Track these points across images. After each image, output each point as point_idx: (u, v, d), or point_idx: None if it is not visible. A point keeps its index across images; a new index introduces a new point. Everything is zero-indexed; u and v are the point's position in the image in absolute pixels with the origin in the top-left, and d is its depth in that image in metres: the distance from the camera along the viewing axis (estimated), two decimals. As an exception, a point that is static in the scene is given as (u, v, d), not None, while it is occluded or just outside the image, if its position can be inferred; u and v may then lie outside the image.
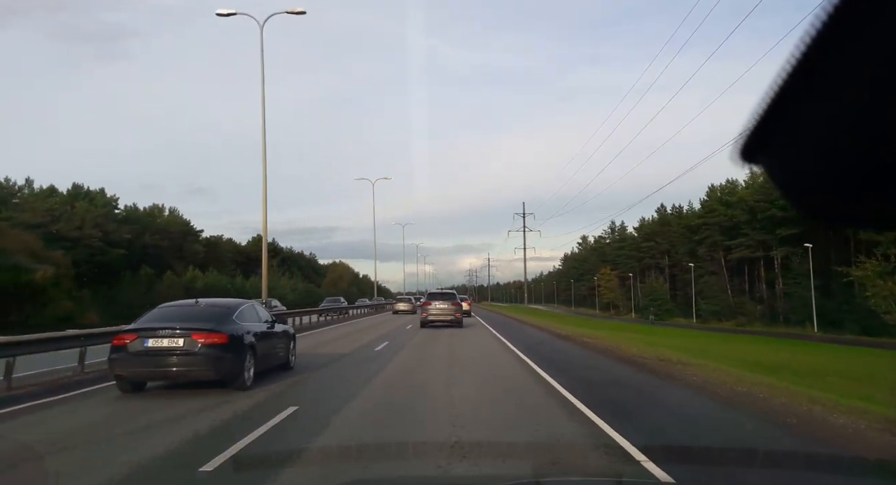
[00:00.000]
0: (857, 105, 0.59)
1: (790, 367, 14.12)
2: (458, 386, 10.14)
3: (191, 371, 9.25)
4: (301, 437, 6.63)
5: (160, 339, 9.18)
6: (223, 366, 9.33)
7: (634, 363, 13.63)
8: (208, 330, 9.34)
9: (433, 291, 31.81)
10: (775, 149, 0.70)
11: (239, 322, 10.08)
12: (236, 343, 9.60)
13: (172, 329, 9.30)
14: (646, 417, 7.88)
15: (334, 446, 6.09)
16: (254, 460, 5.69)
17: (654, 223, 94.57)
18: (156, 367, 9.21)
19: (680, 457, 5.86)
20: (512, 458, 5.89)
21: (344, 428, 7.02)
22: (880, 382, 11.20)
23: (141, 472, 5.40)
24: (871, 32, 0.55)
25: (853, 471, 5.81)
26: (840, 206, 0.70)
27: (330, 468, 5.60)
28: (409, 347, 17.77)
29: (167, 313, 10.13)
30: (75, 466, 5.68)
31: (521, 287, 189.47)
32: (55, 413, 8.22)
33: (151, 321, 9.75)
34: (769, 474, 5.45)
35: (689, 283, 75.67)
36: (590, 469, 5.69)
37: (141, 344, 9.13)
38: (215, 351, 9.24)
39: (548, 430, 6.96)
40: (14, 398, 9.11)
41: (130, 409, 8.42)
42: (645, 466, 5.37)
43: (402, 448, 6.15)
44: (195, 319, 9.71)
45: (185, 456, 5.91)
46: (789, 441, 6.55)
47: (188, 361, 9.16)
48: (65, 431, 7.15)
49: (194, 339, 9.16)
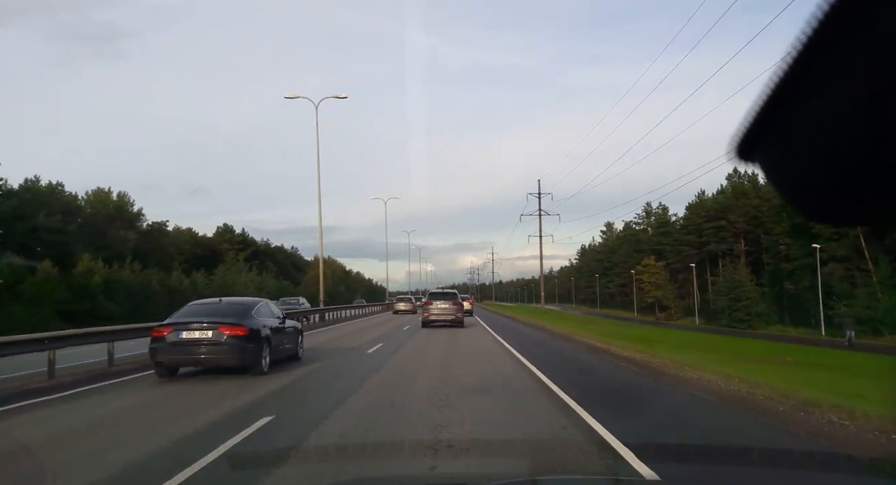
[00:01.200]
0: (855, 104, 0.58)
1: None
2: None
3: (218, 358, 10.96)
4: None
5: (192, 331, 10.89)
6: (245, 354, 11.01)
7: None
8: (232, 324, 11.04)
9: (434, 291, 31.09)
10: (772, 147, 0.69)
11: (257, 317, 11.75)
12: (255, 335, 11.26)
13: (202, 323, 11.01)
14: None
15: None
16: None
17: (724, 197, 74.29)
18: (189, 354, 10.93)
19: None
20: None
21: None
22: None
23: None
24: (870, 31, 0.54)
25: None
26: (838, 205, 0.69)
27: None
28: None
29: (197, 310, 11.88)
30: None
31: (525, 286, 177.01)
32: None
33: (184, 316, 11.47)
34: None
35: (797, 274, 55.00)
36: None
37: (176, 336, 10.85)
38: (238, 341, 10.93)
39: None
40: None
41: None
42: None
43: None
44: (220, 314, 11.42)
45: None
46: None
47: (216, 349, 10.86)
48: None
49: (221, 331, 10.86)
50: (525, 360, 13.80)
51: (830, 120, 0.61)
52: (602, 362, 14.32)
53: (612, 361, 14.40)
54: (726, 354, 15.90)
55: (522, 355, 14.73)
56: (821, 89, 0.60)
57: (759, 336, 40.21)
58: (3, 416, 8.06)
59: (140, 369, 12.31)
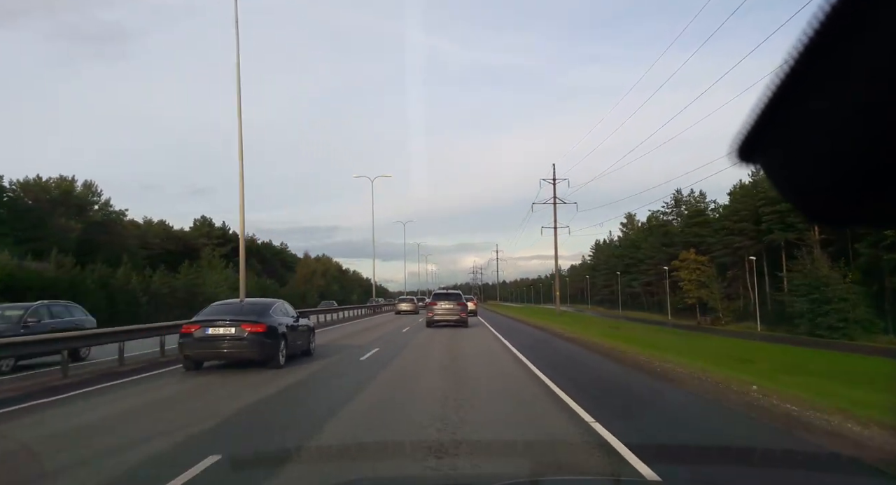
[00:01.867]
0: (856, 104, 0.58)
1: None
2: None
3: (240, 352, 12.11)
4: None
5: (217, 327, 12.06)
6: (264, 349, 12.17)
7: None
8: (253, 321, 12.20)
9: (438, 292, 31.25)
10: (773, 148, 0.69)
11: (274, 316, 12.92)
12: (273, 332, 12.41)
13: (225, 320, 12.20)
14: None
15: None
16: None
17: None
18: (214, 349, 12.09)
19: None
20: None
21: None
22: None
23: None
24: (870, 32, 0.54)
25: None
26: (840, 206, 0.68)
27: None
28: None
29: (220, 309, 13.12)
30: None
31: (531, 285, 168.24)
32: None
33: (209, 315, 12.66)
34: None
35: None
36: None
37: (203, 332, 12.02)
38: (258, 337, 12.08)
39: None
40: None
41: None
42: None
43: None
44: (242, 313, 12.62)
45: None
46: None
47: (238, 344, 12.02)
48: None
49: (243, 328, 12.03)
50: (577, 406, 8.16)
51: (831, 121, 0.61)
52: (695, 403, 8.89)
53: (718, 401, 8.78)
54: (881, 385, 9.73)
55: (570, 396, 8.88)
56: (821, 90, 0.61)
57: (867, 350, 28.88)
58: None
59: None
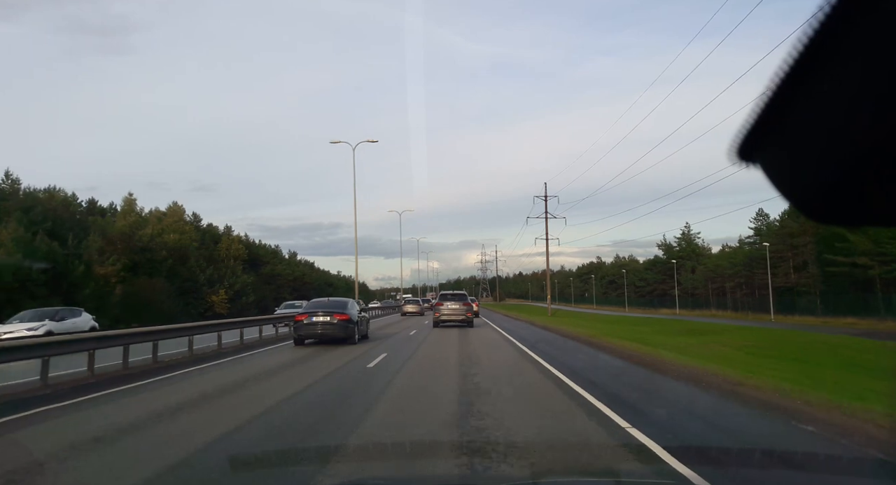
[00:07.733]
0: (855, 104, 0.59)
1: None
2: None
3: (332, 333, 18.51)
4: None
5: (318, 316, 18.56)
6: (346, 331, 18.63)
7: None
8: (340, 312, 18.79)
9: (445, 293, 32.90)
10: (772, 148, 0.69)
11: (350, 309, 19.39)
12: (351, 319, 18.85)
13: (322, 311, 18.79)
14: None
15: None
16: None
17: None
18: (315, 330, 18.51)
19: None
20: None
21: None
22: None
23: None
24: (871, 32, 0.55)
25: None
26: (839, 205, 0.69)
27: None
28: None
29: (317, 304, 19.76)
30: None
31: (545, 281, 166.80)
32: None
33: (311, 308, 19.29)
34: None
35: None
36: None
37: (309, 319, 18.53)
38: (343, 323, 18.56)
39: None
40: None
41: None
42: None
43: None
44: (332, 306, 19.16)
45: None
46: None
47: (331, 327, 18.44)
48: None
49: (335, 316, 18.61)
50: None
51: (831, 121, 0.62)
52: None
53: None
54: None
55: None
56: (821, 90, 0.61)
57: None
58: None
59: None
